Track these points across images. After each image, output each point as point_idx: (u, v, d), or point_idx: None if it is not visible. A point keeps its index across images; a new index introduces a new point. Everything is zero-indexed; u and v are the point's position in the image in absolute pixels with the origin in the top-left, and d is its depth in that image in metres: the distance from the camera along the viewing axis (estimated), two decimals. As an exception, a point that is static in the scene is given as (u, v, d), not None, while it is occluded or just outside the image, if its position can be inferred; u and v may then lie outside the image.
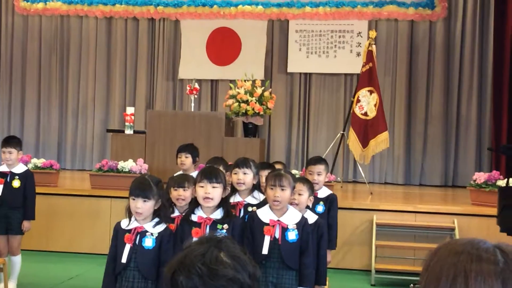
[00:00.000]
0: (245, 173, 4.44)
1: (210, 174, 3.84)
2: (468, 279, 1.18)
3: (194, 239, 1.62)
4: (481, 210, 7.53)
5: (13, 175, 6.07)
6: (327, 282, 4.70)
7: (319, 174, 5.22)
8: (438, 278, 1.21)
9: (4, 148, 6.05)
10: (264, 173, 4.85)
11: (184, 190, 4.20)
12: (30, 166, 7.97)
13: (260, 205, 4.33)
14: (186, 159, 6.30)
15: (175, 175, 5.23)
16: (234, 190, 4.43)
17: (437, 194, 10.08)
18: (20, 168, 6.14)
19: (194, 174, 5.13)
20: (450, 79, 11.34)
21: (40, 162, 8.36)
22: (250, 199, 4.48)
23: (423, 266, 1.27)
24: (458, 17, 11.28)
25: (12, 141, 6.11)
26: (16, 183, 6.05)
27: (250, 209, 4.39)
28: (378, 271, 7.20)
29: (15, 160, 6.09)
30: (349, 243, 7.65)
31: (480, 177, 7.80)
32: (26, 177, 6.12)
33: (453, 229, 7.41)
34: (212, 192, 3.77)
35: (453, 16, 11.34)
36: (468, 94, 11.22)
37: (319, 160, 5.40)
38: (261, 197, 4.49)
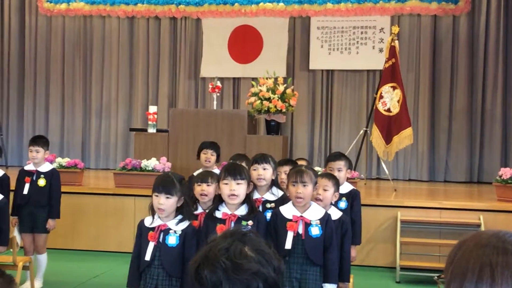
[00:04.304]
0: (264, 169, 4.43)
1: (234, 170, 3.84)
2: (494, 272, 1.16)
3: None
4: (507, 206, 7.44)
5: (39, 174, 6.16)
6: (350, 279, 4.68)
7: (339, 170, 5.18)
8: (464, 271, 1.20)
9: (32, 147, 6.15)
10: (283, 169, 4.84)
11: (207, 185, 4.20)
12: (55, 165, 8.03)
13: (278, 201, 4.33)
14: (212, 157, 6.32)
15: (195, 173, 5.25)
16: (253, 187, 4.43)
17: (462, 190, 9.98)
18: (46, 167, 6.23)
19: (215, 171, 5.14)
20: (474, 74, 11.21)
21: (64, 161, 8.44)
22: (268, 196, 4.46)
23: (448, 259, 1.26)
24: (482, 11, 11.14)
25: (40, 141, 6.22)
26: (41, 182, 6.14)
27: (268, 205, 4.38)
28: (403, 268, 7.15)
29: (42, 159, 6.19)
30: (374, 240, 7.61)
31: (506, 172, 7.70)
32: (51, 176, 6.21)
33: (479, 225, 7.33)
34: (237, 189, 3.78)
35: (476, 10, 11.20)
36: (493, 89, 11.08)
37: (338, 156, 5.35)
38: (279, 193, 4.48)
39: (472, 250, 1.21)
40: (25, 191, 6.11)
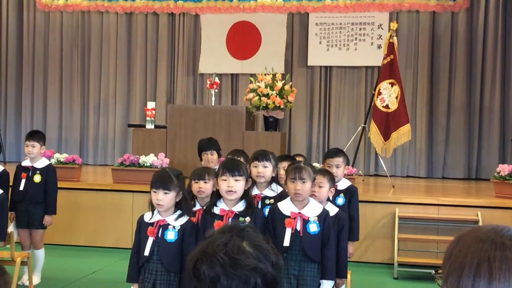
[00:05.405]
0: (265, 166, 4.42)
1: (232, 167, 3.82)
2: (492, 267, 1.16)
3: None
4: (505, 202, 7.44)
5: (34, 170, 6.14)
6: (348, 275, 4.68)
7: (337, 166, 5.17)
8: (462, 266, 1.20)
9: (28, 142, 6.13)
10: (282, 165, 4.83)
11: (205, 182, 4.20)
12: (52, 161, 8.03)
13: (277, 197, 4.32)
14: (212, 157, 6.27)
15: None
16: (252, 183, 4.41)
17: (460, 186, 9.98)
18: (42, 163, 6.21)
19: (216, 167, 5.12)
20: (472, 70, 11.21)
21: (62, 157, 8.43)
22: (267, 192, 4.45)
23: (446, 254, 1.26)
24: (480, 8, 11.13)
25: (36, 135, 6.20)
26: (37, 178, 6.12)
27: (267, 201, 4.37)
28: (400, 265, 7.16)
29: (37, 154, 6.16)
30: (371, 236, 7.62)
31: (504, 169, 7.71)
32: (47, 171, 6.18)
33: (476, 222, 7.33)
34: (235, 185, 3.77)
35: (475, 6, 11.20)
36: (491, 85, 11.08)
37: (337, 152, 5.34)
38: (279, 189, 4.47)
39: (470, 245, 1.21)
40: (21, 187, 6.11)
